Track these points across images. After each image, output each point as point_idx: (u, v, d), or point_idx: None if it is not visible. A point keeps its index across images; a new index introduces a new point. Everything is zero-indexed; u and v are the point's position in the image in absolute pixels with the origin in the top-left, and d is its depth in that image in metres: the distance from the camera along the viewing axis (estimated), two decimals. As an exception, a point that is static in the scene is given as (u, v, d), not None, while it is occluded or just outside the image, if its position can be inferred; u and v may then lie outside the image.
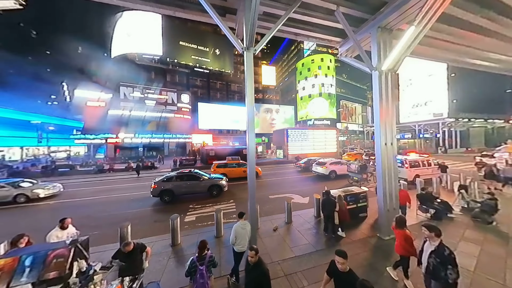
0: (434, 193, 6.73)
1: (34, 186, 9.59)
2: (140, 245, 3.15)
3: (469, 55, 8.09)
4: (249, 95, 3.78)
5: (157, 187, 8.50)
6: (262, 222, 6.08)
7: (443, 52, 7.45)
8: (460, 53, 7.73)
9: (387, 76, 5.08)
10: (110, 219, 7.03)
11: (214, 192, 9.19)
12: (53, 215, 7.30)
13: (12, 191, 8.95)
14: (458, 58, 8.33)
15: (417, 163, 11.13)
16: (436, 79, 35.44)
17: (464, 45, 7.17)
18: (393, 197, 5.10)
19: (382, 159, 5.01)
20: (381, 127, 5.00)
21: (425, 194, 6.37)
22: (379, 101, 5.01)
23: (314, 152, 23.52)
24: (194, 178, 9.16)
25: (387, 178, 5.04)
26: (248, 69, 3.82)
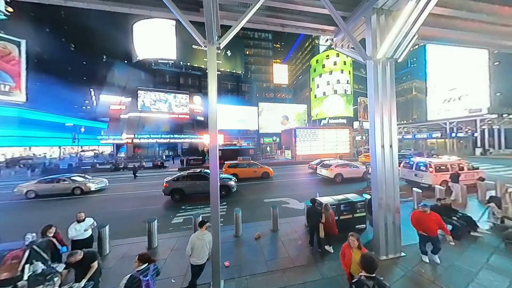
0: (453, 205, 5.57)
1: (86, 180, 10.90)
2: (91, 255, 3.04)
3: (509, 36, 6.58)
4: (211, 92, 3.45)
5: (168, 186, 8.87)
6: (247, 229, 5.71)
7: (473, 35, 6.15)
8: (497, 34, 6.33)
9: (384, 66, 4.29)
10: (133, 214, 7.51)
11: (223, 193, 9.28)
12: (100, 205, 8.82)
13: (71, 185, 10.27)
14: (494, 41, 6.86)
15: (445, 167, 9.60)
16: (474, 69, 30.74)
17: (498, 24, 5.84)
18: (392, 209, 4.29)
19: (378, 165, 4.24)
20: (377, 126, 4.23)
21: (440, 206, 5.31)
22: (374, 95, 4.25)
23: (325, 153, 22.16)
24: (203, 178, 9.35)
25: (385, 187, 4.26)
26: (210, 65, 3.49)
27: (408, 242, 4.72)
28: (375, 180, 4.26)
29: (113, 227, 5.36)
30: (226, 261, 4.15)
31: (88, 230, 4.17)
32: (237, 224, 5.37)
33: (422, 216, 4.02)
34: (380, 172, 4.24)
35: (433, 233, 3.93)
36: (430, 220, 3.95)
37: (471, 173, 9.85)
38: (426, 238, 4.00)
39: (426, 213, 3.98)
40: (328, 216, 4.34)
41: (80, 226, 4.05)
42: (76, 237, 3.98)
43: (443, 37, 6.46)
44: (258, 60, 53.58)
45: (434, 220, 3.96)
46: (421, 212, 4.03)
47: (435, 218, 3.98)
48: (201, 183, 9.17)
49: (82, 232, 4.04)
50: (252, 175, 13.61)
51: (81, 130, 40.99)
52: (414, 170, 10.01)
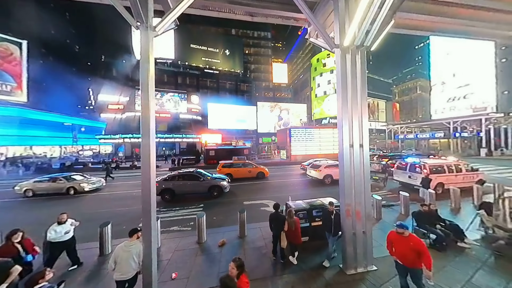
0: (438, 210, 5.01)
1: (82, 180, 10.75)
2: (3, 265, 2.68)
3: None
4: (145, 86, 3.05)
5: (157, 186, 8.68)
6: (213, 234, 5.31)
7: (477, 24, 5.58)
8: (503, 24, 5.72)
9: (354, 54, 3.81)
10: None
11: (215, 193, 9.13)
12: (90, 205, 8.68)
13: (66, 184, 10.15)
14: (500, 32, 6.25)
15: (441, 168, 8.98)
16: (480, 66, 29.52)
17: (504, 12, 5.26)
18: (361, 217, 3.80)
19: (346, 167, 3.76)
20: (344, 122, 3.75)
21: (424, 212, 4.77)
22: (342, 88, 3.78)
23: (321, 153, 21.56)
24: (194, 178, 9.24)
25: (353, 192, 3.77)
26: (144, 52, 3.08)
27: (384, 254, 4.22)
28: (343, 185, 3.78)
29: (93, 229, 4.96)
30: (174, 272, 3.75)
31: (69, 232, 3.99)
32: (199, 230, 4.96)
33: (398, 239, 2.91)
34: (347, 175, 3.75)
35: (411, 263, 2.78)
36: (407, 246, 2.79)
37: (470, 175, 9.18)
38: (403, 269, 2.91)
39: (404, 235, 2.86)
40: (291, 224, 3.88)
41: (61, 228, 3.90)
42: (56, 239, 3.80)
43: (444, 28, 5.92)
44: (258, 60, 53.11)
45: (412, 246, 2.75)
46: (397, 234, 2.93)
47: (415, 243, 2.75)
48: (192, 183, 9.12)
49: (62, 235, 3.86)
50: (247, 175, 13.33)
51: (82, 129, 41.65)
52: (408, 172, 9.40)
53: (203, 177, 9.33)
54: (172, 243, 4.93)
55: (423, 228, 4.60)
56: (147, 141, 3.09)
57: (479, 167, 10.65)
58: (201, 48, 42.53)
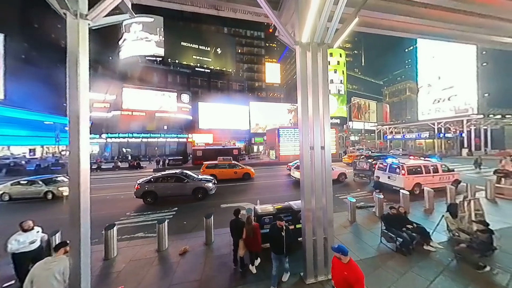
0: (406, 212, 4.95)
1: (60, 184, 9.87)
2: None
3: (499, 31, 6.02)
4: (74, 84, 2.72)
5: (139, 188, 8.36)
6: (178, 241, 5.01)
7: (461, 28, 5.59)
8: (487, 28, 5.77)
9: (315, 52, 3.62)
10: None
11: (199, 195, 8.83)
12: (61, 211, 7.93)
13: (43, 188, 9.40)
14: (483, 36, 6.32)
15: (419, 168, 9.06)
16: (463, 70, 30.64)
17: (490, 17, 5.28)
18: (324, 221, 3.64)
19: (306, 170, 3.58)
20: (304, 123, 3.57)
21: (392, 215, 4.69)
22: (302, 86, 3.59)
23: (310, 153, 21.56)
24: (178, 180, 8.90)
25: (315, 196, 3.60)
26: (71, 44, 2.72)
27: (350, 259, 4.08)
28: (303, 189, 3.60)
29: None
30: (121, 286, 3.44)
31: (35, 242, 3.47)
32: (160, 237, 4.65)
33: (336, 263, 2.39)
34: (308, 179, 3.57)
35: None
36: (341, 274, 2.28)
37: (446, 175, 9.33)
38: None
39: (342, 261, 2.32)
40: (249, 231, 3.65)
41: (25, 237, 3.38)
42: (19, 250, 3.30)
43: (428, 31, 5.91)
44: (250, 59, 52.81)
45: (346, 276, 2.23)
46: (337, 259, 2.38)
47: (350, 274, 2.22)
48: (176, 185, 8.78)
49: (26, 245, 3.34)
50: (233, 176, 13.04)
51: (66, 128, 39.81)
52: (388, 173, 9.44)
53: (187, 179, 9.00)
54: (130, 252, 4.59)
55: (390, 231, 4.51)
56: (76, 144, 2.77)
57: (460, 167, 10.92)
58: (192, 46, 41.77)
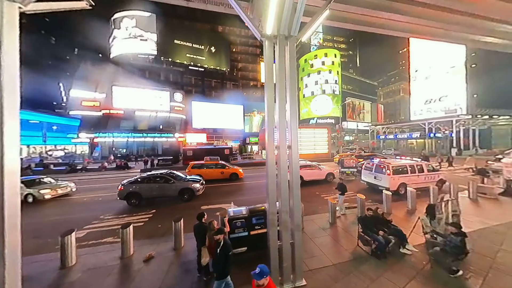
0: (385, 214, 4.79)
1: (42, 186, 9.26)
2: None
3: (480, 29, 5.95)
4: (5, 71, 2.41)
5: (123, 190, 8.02)
6: (146, 246, 4.73)
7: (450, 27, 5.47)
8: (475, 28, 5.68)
9: (283, 45, 3.40)
10: None
11: (186, 196, 8.54)
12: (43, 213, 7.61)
13: (24, 191, 8.69)
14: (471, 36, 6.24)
15: (404, 168, 8.99)
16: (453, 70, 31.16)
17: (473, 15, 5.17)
18: (289, 227, 3.42)
19: (271, 170, 3.36)
20: (269, 121, 3.35)
21: (369, 217, 4.53)
22: (267, 82, 3.37)
23: (301, 153, 21.48)
24: (163, 181, 8.58)
25: (281, 199, 3.38)
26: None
27: (323, 264, 3.90)
28: (268, 192, 3.37)
29: None
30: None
31: None
32: (123, 243, 4.35)
33: None
34: (273, 180, 3.35)
35: None
36: None
37: (431, 175, 9.31)
38: None
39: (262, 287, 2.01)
40: (211, 238, 3.40)
41: None
42: None
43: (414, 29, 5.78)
44: (245, 58, 52.49)
45: None
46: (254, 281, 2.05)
47: None
48: (161, 185, 8.46)
49: None
50: (220, 176, 12.76)
51: (53, 128, 38.52)
52: (374, 172, 9.34)
53: (173, 180, 8.70)
54: (91, 259, 4.28)
55: (366, 234, 4.34)
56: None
57: (435, 164, 11.02)
58: (185, 44, 41.13)
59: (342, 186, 6.58)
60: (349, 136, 58.75)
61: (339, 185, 6.66)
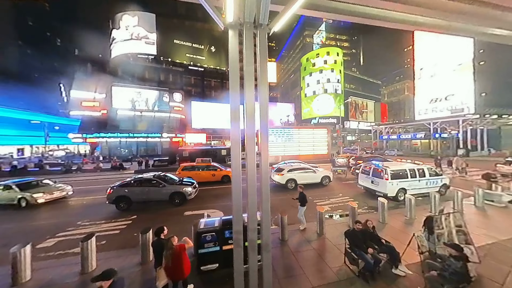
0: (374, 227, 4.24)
1: (36, 190, 8.91)
2: None
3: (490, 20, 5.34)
4: None
5: (112, 193, 7.69)
6: (113, 259, 4.33)
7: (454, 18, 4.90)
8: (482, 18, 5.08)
9: (250, 35, 2.94)
10: None
11: (177, 201, 8.17)
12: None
13: (16, 194, 8.47)
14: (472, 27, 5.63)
15: (404, 172, 8.37)
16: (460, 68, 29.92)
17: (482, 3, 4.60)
18: (261, 245, 2.96)
19: (236, 182, 2.90)
20: (234, 123, 2.89)
21: (357, 231, 4.00)
22: (232, 76, 2.92)
23: (300, 154, 20.91)
24: (153, 184, 8.23)
25: (248, 214, 2.92)
26: None
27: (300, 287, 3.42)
28: (233, 205, 2.91)
29: None
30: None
31: None
32: (83, 257, 3.96)
33: None
34: (238, 193, 2.89)
35: None
36: None
37: (433, 180, 8.65)
38: None
39: None
40: (167, 258, 2.95)
41: None
42: None
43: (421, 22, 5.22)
44: (246, 58, 52.01)
45: None
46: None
47: None
48: (151, 189, 8.09)
49: None
50: (211, 179, 12.34)
51: (55, 128, 39.01)
52: (371, 177, 8.75)
53: (164, 183, 8.33)
54: (49, 275, 3.90)
55: (353, 251, 3.83)
56: None
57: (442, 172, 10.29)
58: (185, 44, 41.07)
59: (302, 196, 5.71)
60: (352, 136, 57.65)
61: (299, 195, 5.74)
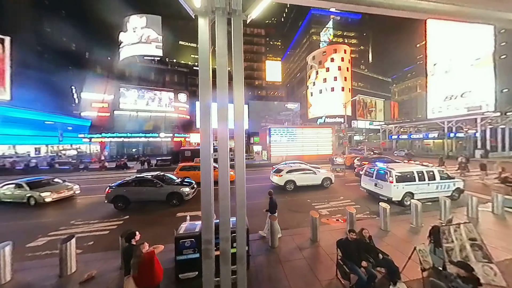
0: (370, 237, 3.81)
1: (45, 188, 9.08)
2: None
3: None
4: None
5: (110, 192, 7.81)
6: (93, 263, 4.23)
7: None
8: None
9: (222, 23, 2.64)
10: None
11: (174, 201, 8.12)
12: None
13: (25, 192, 8.67)
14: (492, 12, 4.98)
15: (411, 175, 7.73)
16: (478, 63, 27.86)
17: None
18: (227, 257, 2.66)
19: (205, 186, 2.62)
20: (203, 120, 2.61)
21: (351, 241, 3.59)
22: (202, 69, 2.63)
23: (303, 154, 20.34)
24: (151, 184, 8.25)
25: (221, 222, 2.63)
26: None
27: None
28: (202, 212, 2.64)
29: None
30: None
31: None
32: (62, 260, 3.86)
33: None
34: (208, 198, 2.61)
35: None
36: None
37: (445, 184, 7.93)
38: None
39: None
40: (133, 266, 2.73)
41: None
42: None
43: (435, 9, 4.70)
44: (251, 57, 51.85)
45: None
46: None
47: None
48: (149, 189, 8.12)
49: None
50: None
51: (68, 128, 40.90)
52: (375, 179, 8.18)
53: (161, 183, 8.30)
54: (27, 277, 3.85)
55: (345, 264, 3.43)
56: None
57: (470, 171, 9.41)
58: (190, 45, 41.58)
59: (272, 202, 5.05)
60: (359, 136, 55.77)
61: (270, 202, 5.10)
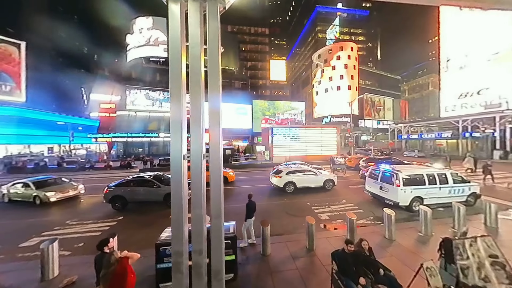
0: (369, 249, 3.39)
1: (50, 188, 9.09)
2: None
3: None
4: None
5: (108, 192, 7.84)
6: (77, 266, 4.09)
7: None
8: None
9: (194, 10, 2.36)
10: None
11: (169, 203, 7.83)
12: None
13: (31, 192, 8.75)
14: None
15: (420, 178, 7.14)
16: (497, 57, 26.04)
17: None
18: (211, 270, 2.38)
19: (176, 191, 2.36)
20: (174, 119, 2.35)
21: (348, 253, 3.21)
22: (172, 64, 2.37)
23: (307, 154, 19.81)
24: (148, 184, 8.23)
25: (192, 222, 2.36)
26: None
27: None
28: (172, 220, 2.37)
29: None
30: None
31: None
32: (43, 263, 3.75)
33: None
34: (178, 205, 2.34)
35: None
36: None
37: (459, 188, 7.27)
38: None
39: None
40: (104, 278, 2.52)
41: None
42: None
43: None
44: (255, 57, 51.59)
45: None
46: None
47: None
48: (146, 189, 8.02)
49: None
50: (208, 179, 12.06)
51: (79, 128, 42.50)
52: (380, 182, 7.65)
53: (158, 183, 8.23)
54: (10, 280, 3.76)
55: (341, 280, 3.06)
56: None
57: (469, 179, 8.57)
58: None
59: (250, 205, 4.69)
60: (366, 135, 54.04)
61: (247, 205, 4.71)
